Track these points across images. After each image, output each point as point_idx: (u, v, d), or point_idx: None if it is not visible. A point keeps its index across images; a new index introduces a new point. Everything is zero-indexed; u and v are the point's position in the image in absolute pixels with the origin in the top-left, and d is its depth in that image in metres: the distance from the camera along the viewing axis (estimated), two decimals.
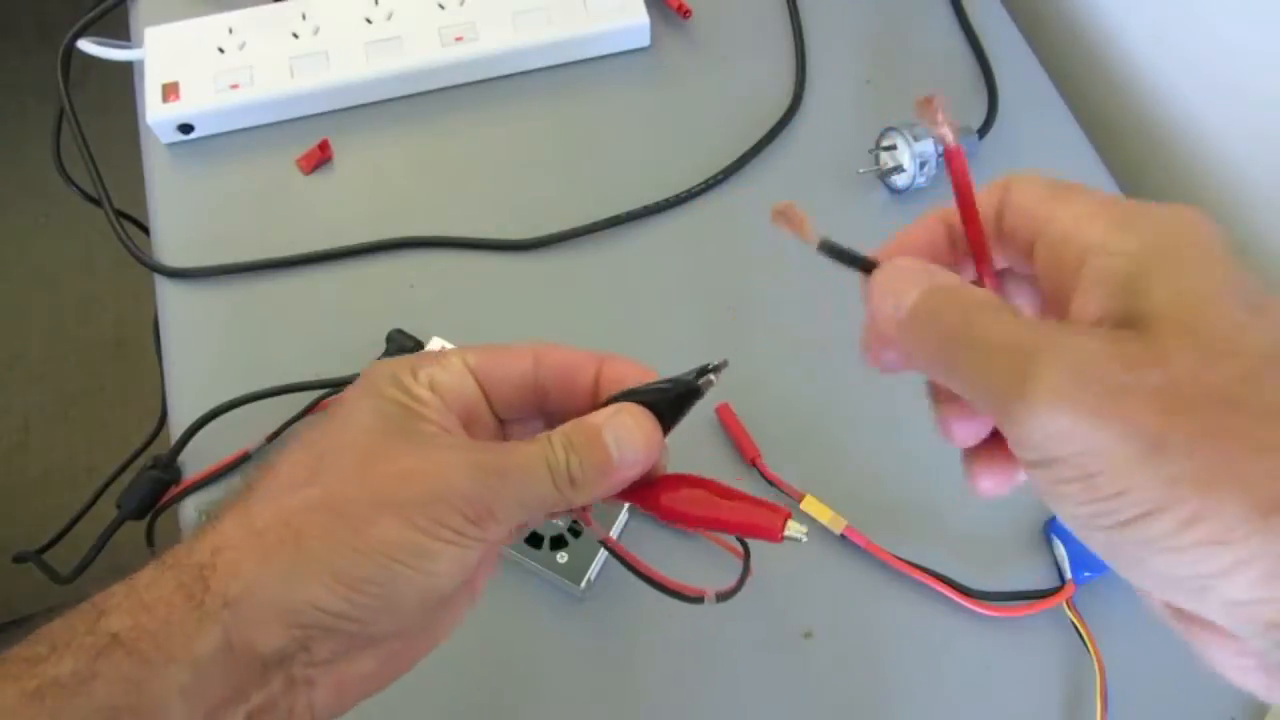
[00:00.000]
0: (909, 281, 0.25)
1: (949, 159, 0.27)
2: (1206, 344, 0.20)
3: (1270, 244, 0.59)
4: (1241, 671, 0.22)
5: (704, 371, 0.29)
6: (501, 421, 0.32)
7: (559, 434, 0.29)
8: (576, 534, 0.48)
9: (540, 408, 0.32)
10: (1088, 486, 0.21)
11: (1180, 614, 0.22)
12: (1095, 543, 0.22)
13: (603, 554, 0.48)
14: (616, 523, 0.49)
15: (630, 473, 0.29)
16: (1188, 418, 0.20)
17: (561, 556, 0.48)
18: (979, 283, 0.28)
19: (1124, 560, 0.21)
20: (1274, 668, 0.21)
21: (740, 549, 0.44)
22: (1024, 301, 0.28)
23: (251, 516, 0.27)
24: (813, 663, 0.48)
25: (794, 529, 0.30)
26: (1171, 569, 0.20)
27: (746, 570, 0.33)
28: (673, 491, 0.31)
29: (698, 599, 0.32)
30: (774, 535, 0.30)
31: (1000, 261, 0.28)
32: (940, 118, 0.27)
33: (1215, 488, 0.19)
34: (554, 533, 0.48)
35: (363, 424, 0.28)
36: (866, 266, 0.27)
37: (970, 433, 0.27)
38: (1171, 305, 0.21)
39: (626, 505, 0.48)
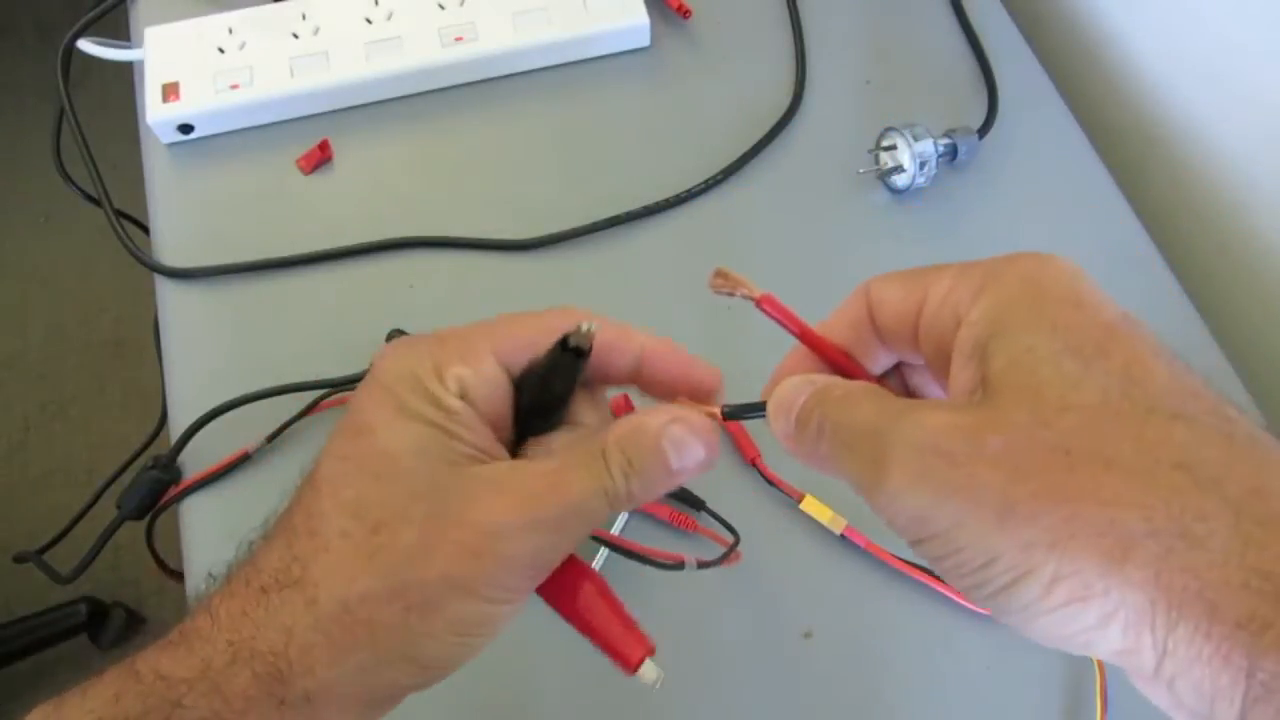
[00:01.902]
0: (791, 398, 0.27)
1: (764, 308, 0.28)
2: (1041, 402, 0.21)
3: (1270, 244, 0.59)
4: (1171, 710, 0.22)
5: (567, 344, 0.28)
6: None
7: (616, 452, 0.27)
8: None
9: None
10: (959, 560, 0.21)
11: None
12: (996, 612, 0.22)
13: (596, 562, 0.48)
14: (617, 521, 0.49)
15: (686, 478, 0.28)
16: (1030, 480, 0.20)
17: None
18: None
19: (1019, 625, 0.22)
20: (1186, 710, 0.21)
21: (729, 537, 0.44)
22: (934, 392, 0.29)
23: (317, 605, 0.26)
24: (812, 663, 0.48)
25: (649, 670, 0.29)
26: (1053, 629, 0.21)
27: (733, 549, 0.33)
28: (571, 584, 0.30)
29: (678, 565, 0.32)
30: (627, 666, 0.30)
31: (887, 360, 0.29)
32: (736, 283, 0.28)
33: (1066, 546, 0.20)
34: None
35: (404, 467, 0.26)
36: (759, 409, 0.28)
37: None
38: (1011, 367, 0.22)
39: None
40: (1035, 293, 0.23)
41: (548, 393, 0.29)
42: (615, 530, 0.49)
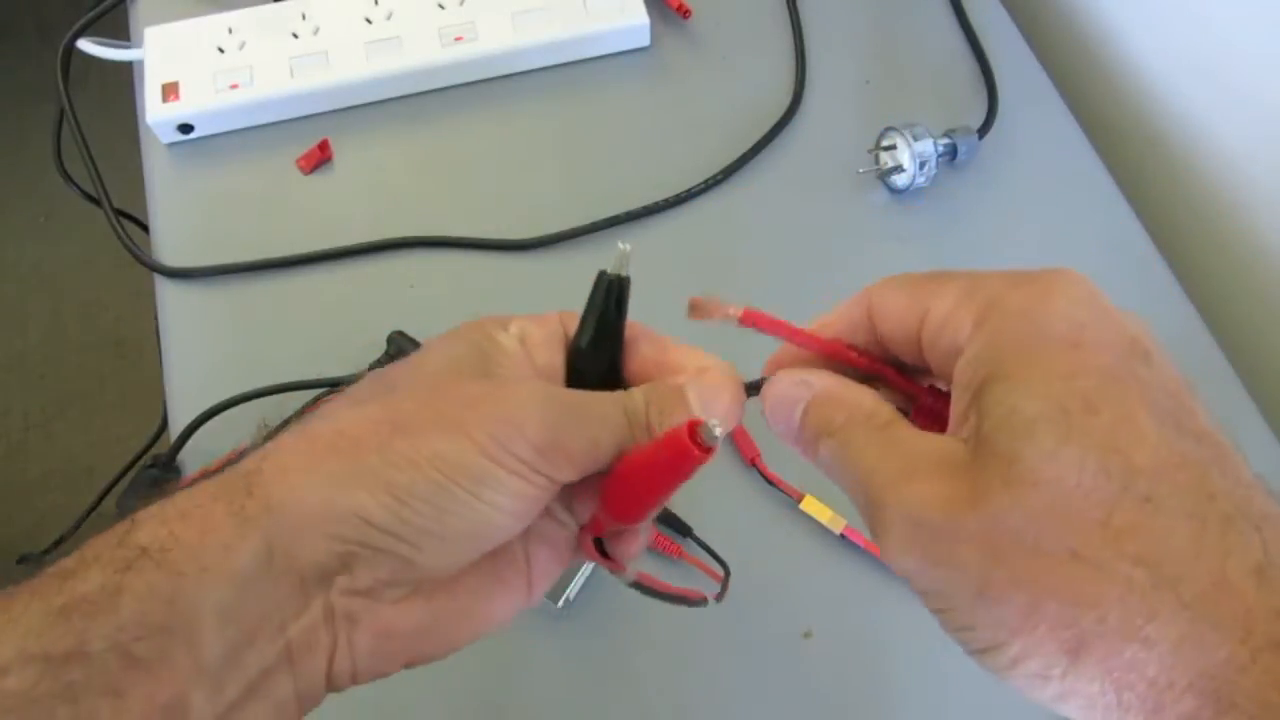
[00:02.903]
0: (788, 403, 0.27)
1: (751, 323, 0.28)
2: (1016, 476, 0.21)
3: (1270, 244, 0.59)
4: None
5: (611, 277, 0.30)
6: None
7: (640, 388, 0.28)
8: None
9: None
10: (947, 618, 0.23)
11: None
12: (975, 662, 0.24)
13: (583, 573, 0.48)
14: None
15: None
16: (1001, 563, 0.22)
17: None
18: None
19: (997, 677, 0.23)
20: None
21: (719, 571, 0.45)
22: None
23: (310, 430, 0.26)
24: (812, 663, 0.48)
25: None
26: (1022, 692, 0.23)
27: (725, 584, 0.34)
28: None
29: (700, 602, 0.32)
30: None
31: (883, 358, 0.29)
32: (711, 309, 0.29)
33: (1029, 631, 0.21)
34: None
35: (439, 361, 0.28)
36: (757, 388, 0.29)
37: None
38: (995, 430, 0.22)
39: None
40: (1031, 330, 0.23)
41: (598, 333, 0.30)
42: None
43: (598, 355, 0.30)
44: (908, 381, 0.28)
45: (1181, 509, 0.21)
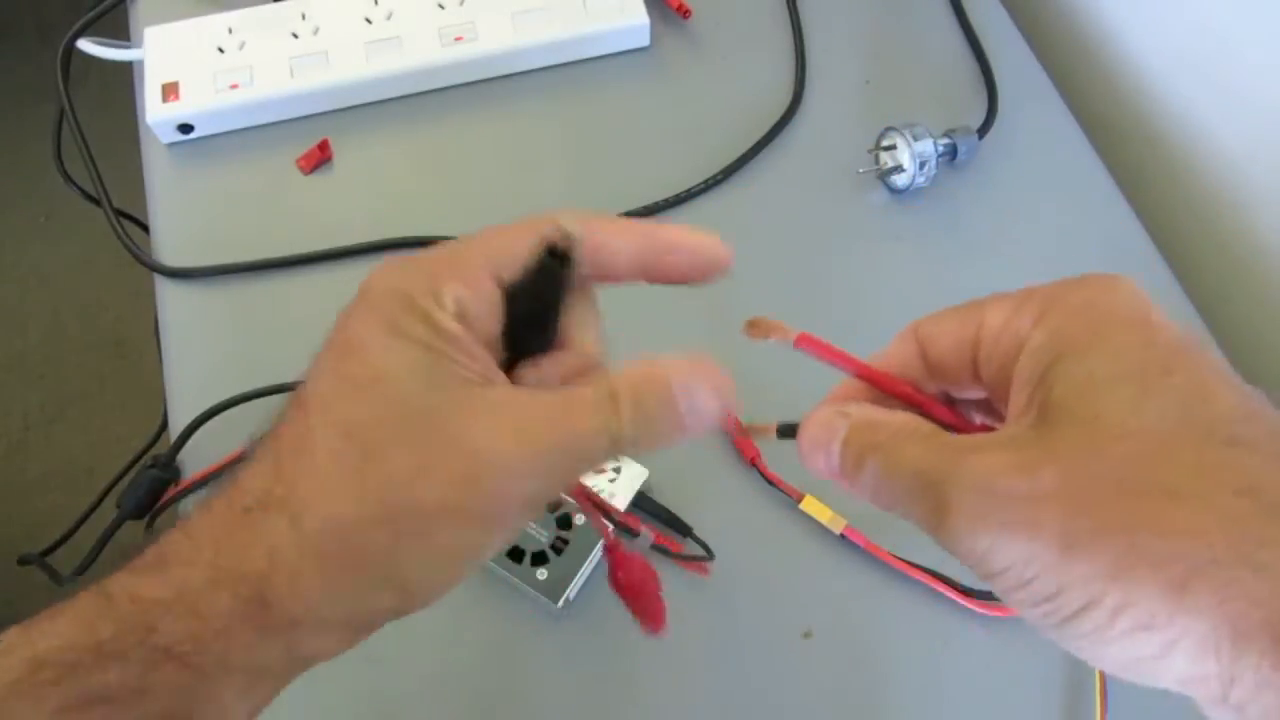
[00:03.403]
0: (828, 434, 0.26)
1: (806, 347, 0.28)
2: (1097, 431, 0.21)
3: (1270, 244, 0.59)
4: None
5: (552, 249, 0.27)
6: None
7: (628, 396, 0.26)
8: (558, 551, 0.48)
9: None
10: (1030, 592, 0.22)
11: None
12: (1061, 642, 0.22)
13: (583, 572, 0.48)
14: (601, 541, 0.48)
15: (696, 433, 0.27)
16: (1088, 513, 0.21)
17: (541, 573, 0.47)
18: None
19: (1087, 654, 0.22)
20: None
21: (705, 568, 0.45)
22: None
23: (302, 527, 0.25)
24: (813, 663, 0.48)
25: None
26: (1121, 655, 0.21)
27: (704, 558, 0.33)
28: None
29: (633, 533, 0.34)
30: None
31: (942, 392, 0.28)
32: (769, 329, 0.28)
33: (1128, 577, 0.20)
34: (535, 548, 0.48)
35: (398, 389, 0.25)
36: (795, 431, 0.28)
37: None
38: (1068, 396, 0.22)
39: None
40: (1098, 315, 0.23)
41: (537, 305, 0.27)
42: (600, 550, 0.48)
43: (535, 333, 0.28)
44: (958, 416, 0.27)
45: (1271, 450, 0.21)
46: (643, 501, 0.49)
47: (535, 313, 0.28)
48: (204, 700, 0.25)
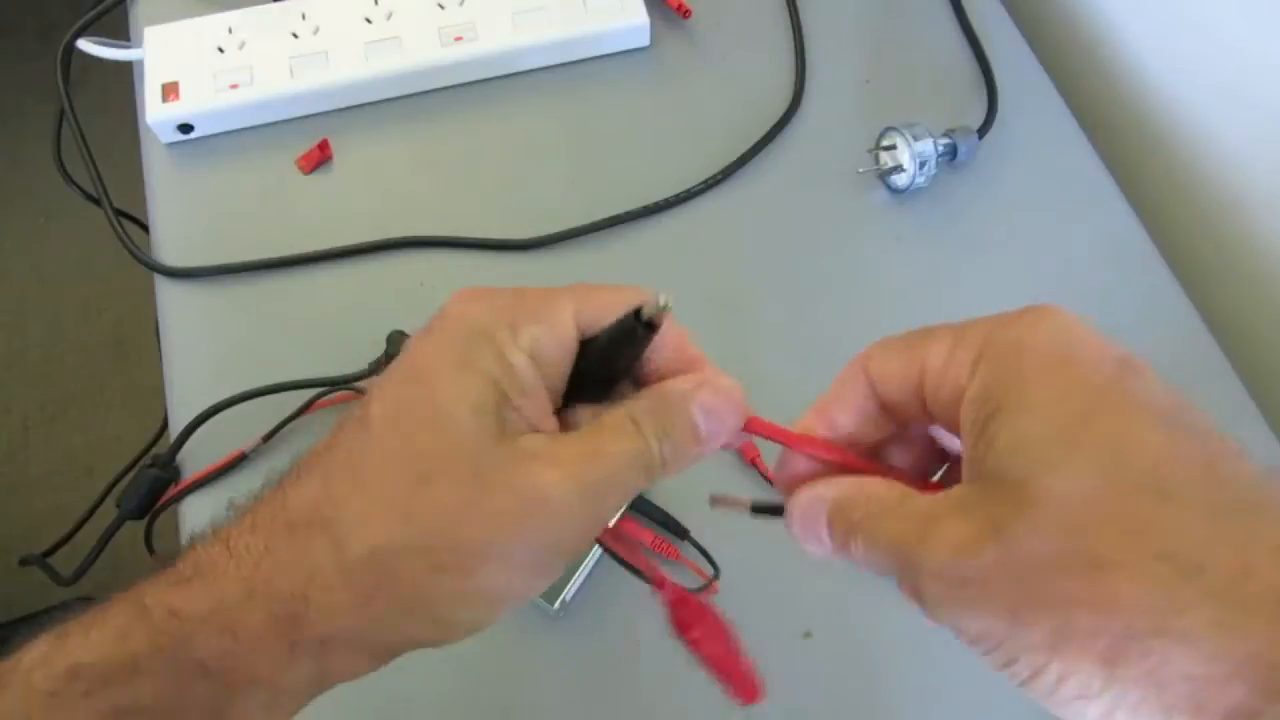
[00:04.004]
0: (813, 520, 0.28)
1: (753, 431, 0.29)
2: (1028, 497, 0.22)
3: (1269, 244, 0.59)
4: None
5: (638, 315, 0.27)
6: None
7: (649, 420, 0.27)
8: None
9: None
10: (994, 658, 0.23)
11: None
12: (1032, 698, 0.24)
13: (580, 574, 0.48)
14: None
15: (714, 447, 0.28)
16: (1028, 587, 0.22)
17: None
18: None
19: (1051, 711, 0.23)
20: None
21: (709, 572, 0.45)
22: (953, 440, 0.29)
23: (345, 550, 0.25)
24: (812, 663, 0.48)
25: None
26: (1074, 719, 0.22)
27: (711, 582, 0.34)
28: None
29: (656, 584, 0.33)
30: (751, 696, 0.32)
31: (893, 428, 0.29)
32: (730, 503, 0.30)
33: (1065, 651, 0.21)
34: None
35: (457, 424, 0.26)
36: (780, 512, 0.30)
37: None
38: (1002, 457, 0.23)
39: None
40: (1025, 360, 0.23)
41: (610, 362, 0.28)
42: (597, 553, 0.48)
43: (600, 386, 0.29)
44: (898, 472, 0.28)
45: (1194, 500, 0.21)
46: (640, 504, 0.49)
47: (606, 369, 0.29)
48: (232, 714, 0.25)
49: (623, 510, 0.49)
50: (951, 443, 0.29)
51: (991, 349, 0.24)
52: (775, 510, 0.30)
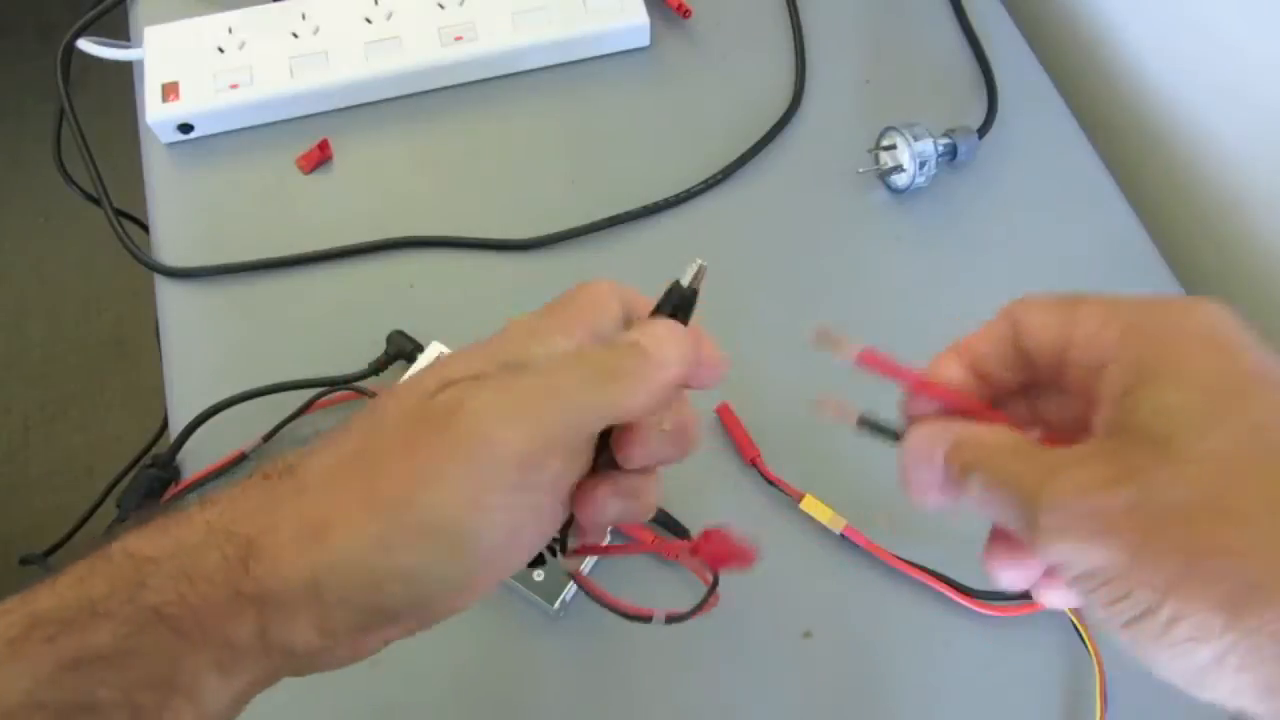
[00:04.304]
0: (931, 448, 0.28)
1: (868, 364, 0.29)
2: (1171, 454, 0.23)
3: (1269, 244, 0.59)
4: None
5: (683, 286, 0.31)
6: None
7: (596, 349, 0.28)
8: (555, 553, 0.48)
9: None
10: (1102, 594, 0.23)
11: None
12: (1124, 644, 0.24)
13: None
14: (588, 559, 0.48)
15: (670, 373, 0.28)
16: (1157, 530, 0.22)
17: (538, 574, 0.47)
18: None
19: (1150, 660, 0.23)
20: None
21: (709, 578, 0.45)
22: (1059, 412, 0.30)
23: (303, 488, 0.26)
24: (812, 662, 0.48)
25: None
26: (1173, 665, 0.23)
27: (708, 597, 0.35)
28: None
29: (644, 619, 0.34)
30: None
31: (1016, 381, 0.29)
32: (839, 346, 0.29)
33: (1186, 591, 0.22)
34: None
35: (402, 411, 0.27)
36: (895, 436, 0.30)
37: (1019, 578, 0.29)
38: (1147, 418, 0.24)
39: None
40: (1180, 340, 0.24)
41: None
42: (586, 566, 0.48)
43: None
44: (1017, 426, 0.29)
45: None
46: None
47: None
48: (186, 669, 0.24)
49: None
50: (1061, 411, 0.30)
51: (1143, 327, 0.25)
52: (884, 431, 0.30)
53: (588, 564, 0.48)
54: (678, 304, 0.30)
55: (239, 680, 0.25)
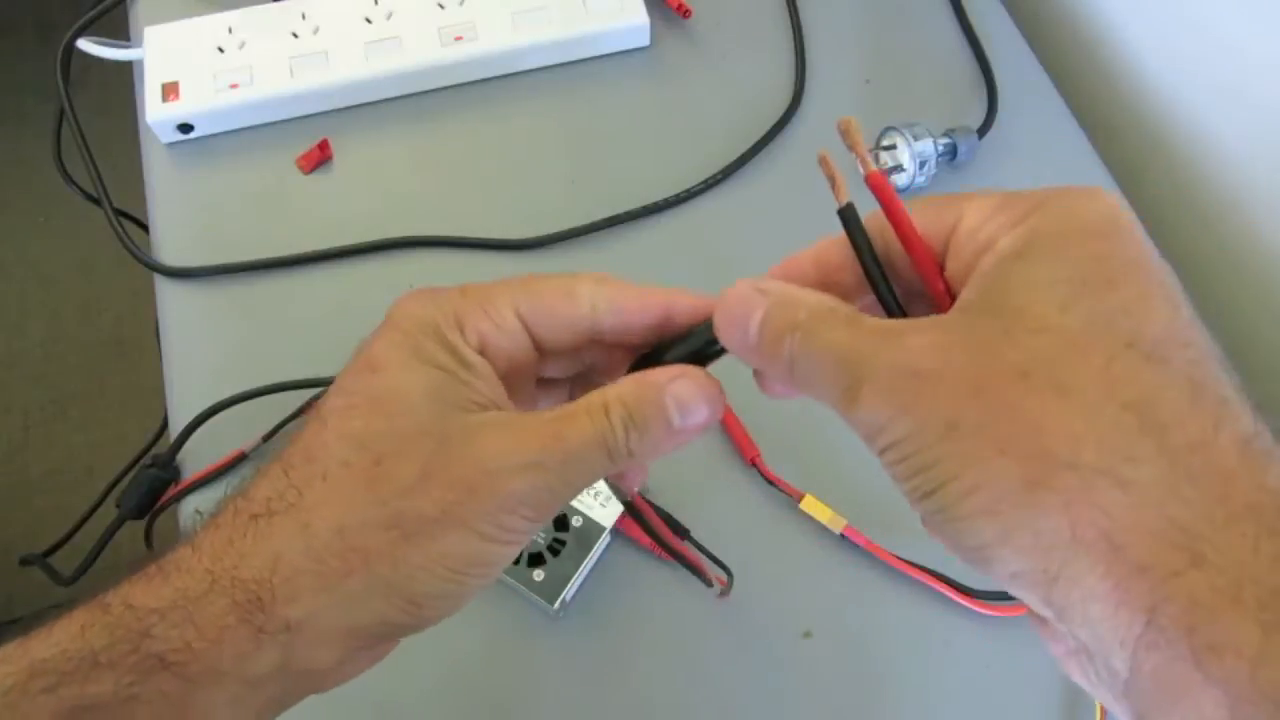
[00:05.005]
0: (745, 309, 0.26)
1: (873, 188, 0.28)
2: (1019, 323, 0.22)
3: (1270, 244, 0.59)
4: (1064, 659, 0.22)
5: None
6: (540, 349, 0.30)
7: (617, 405, 0.27)
8: (555, 552, 0.48)
9: (591, 340, 0.30)
10: (905, 466, 0.22)
11: (1034, 617, 0.23)
12: (921, 515, 0.23)
13: (580, 574, 0.47)
14: (598, 543, 0.48)
15: (687, 438, 0.28)
16: (983, 397, 0.21)
17: (538, 574, 0.47)
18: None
19: (936, 532, 0.23)
20: (1076, 654, 0.21)
21: (724, 577, 0.45)
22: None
23: (310, 532, 0.26)
24: (812, 662, 0.48)
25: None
26: (959, 538, 0.22)
27: (729, 585, 0.36)
28: None
29: (708, 584, 0.35)
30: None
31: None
32: (859, 145, 0.28)
33: (991, 462, 0.21)
34: (532, 549, 0.47)
35: (414, 409, 0.27)
36: (871, 257, 0.28)
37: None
38: (1012, 290, 0.22)
39: (608, 528, 0.48)
40: (1069, 224, 0.23)
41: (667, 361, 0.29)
42: (596, 551, 0.48)
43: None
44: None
45: (1183, 373, 0.21)
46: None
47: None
48: (195, 711, 0.25)
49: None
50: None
51: (1039, 211, 0.23)
52: (858, 237, 0.28)
53: (589, 563, 0.48)
54: (702, 352, 0.29)
55: (252, 709, 0.26)
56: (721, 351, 0.28)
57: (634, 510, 0.32)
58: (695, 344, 0.29)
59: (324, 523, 0.26)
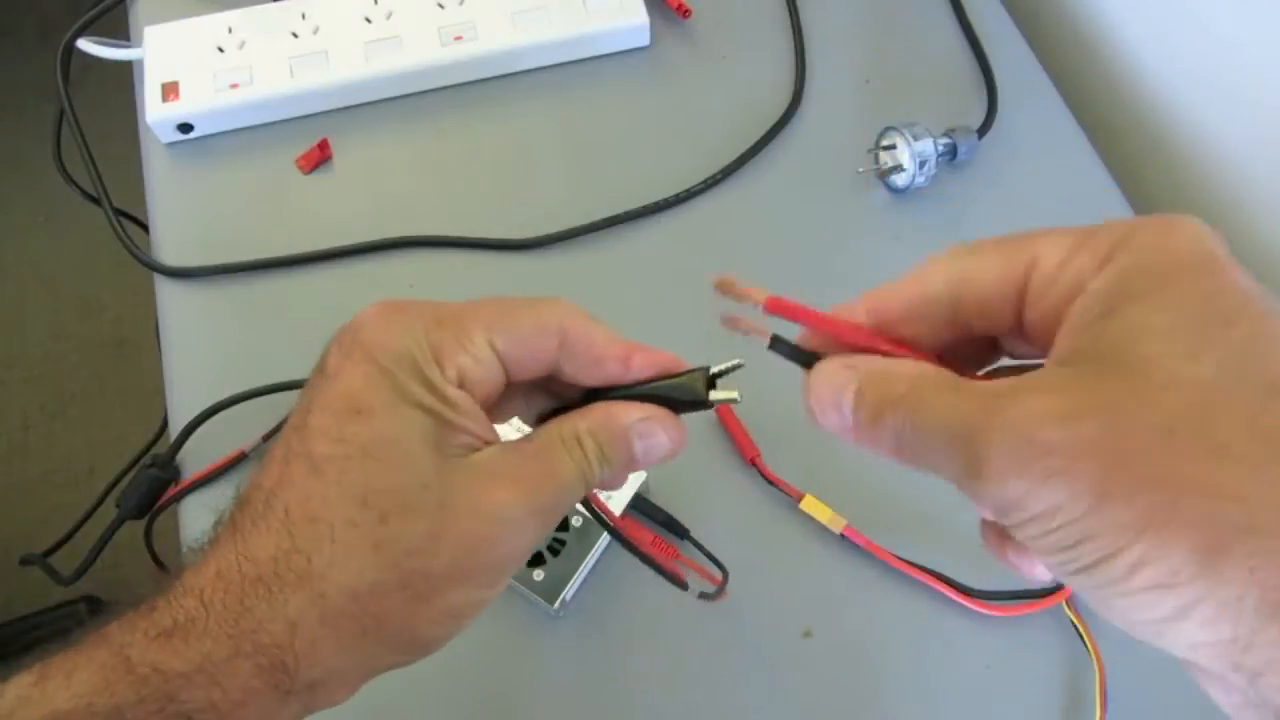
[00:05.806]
0: (836, 389, 0.25)
1: (776, 311, 0.27)
2: (1147, 379, 0.20)
3: (1270, 244, 0.59)
4: (1236, 710, 0.22)
5: (712, 381, 0.30)
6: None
7: (589, 439, 0.29)
8: (555, 552, 0.48)
9: (554, 372, 0.30)
10: (1053, 539, 0.21)
11: (1199, 671, 0.22)
12: (1077, 588, 0.22)
13: (580, 574, 0.47)
14: (598, 544, 0.48)
15: (645, 469, 0.30)
16: (1127, 465, 0.20)
17: (538, 574, 0.47)
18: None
19: (1098, 605, 0.22)
20: (1258, 706, 0.21)
21: (719, 576, 0.45)
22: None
23: (325, 601, 0.26)
24: (812, 662, 0.48)
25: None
26: (1130, 613, 0.21)
27: (722, 586, 0.37)
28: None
29: (681, 585, 0.36)
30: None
31: (940, 342, 0.27)
32: (741, 293, 0.28)
33: (1158, 532, 0.19)
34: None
35: (412, 461, 0.27)
36: (807, 362, 0.27)
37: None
38: (1121, 342, 0.21)
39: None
40: (1164, 261, 0.22)
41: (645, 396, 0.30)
42: (596, 552, 0.48)
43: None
44: (946, 363, 0.25)
45: None
46: (641, 504, 0.49)
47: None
48: None
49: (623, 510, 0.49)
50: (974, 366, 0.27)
51: (1127, 246, 0.22)
52: (800, 356, 0.27)
53: (589, 563, 0.48)
54: (684, 400, 0.30)
55: None
56: (696, 407, 0.30)
57: (589, 505, 0.34)
58: (675, 395, 0.30)
59: (337, 590, 0.26)
